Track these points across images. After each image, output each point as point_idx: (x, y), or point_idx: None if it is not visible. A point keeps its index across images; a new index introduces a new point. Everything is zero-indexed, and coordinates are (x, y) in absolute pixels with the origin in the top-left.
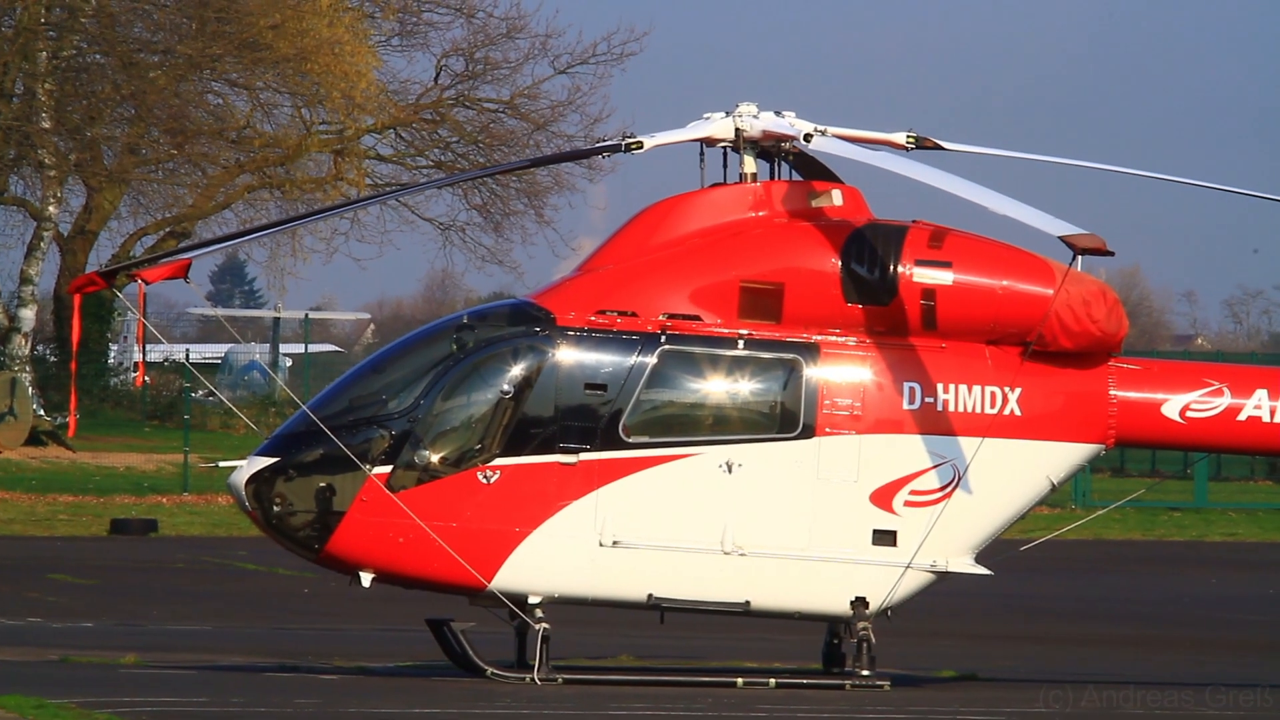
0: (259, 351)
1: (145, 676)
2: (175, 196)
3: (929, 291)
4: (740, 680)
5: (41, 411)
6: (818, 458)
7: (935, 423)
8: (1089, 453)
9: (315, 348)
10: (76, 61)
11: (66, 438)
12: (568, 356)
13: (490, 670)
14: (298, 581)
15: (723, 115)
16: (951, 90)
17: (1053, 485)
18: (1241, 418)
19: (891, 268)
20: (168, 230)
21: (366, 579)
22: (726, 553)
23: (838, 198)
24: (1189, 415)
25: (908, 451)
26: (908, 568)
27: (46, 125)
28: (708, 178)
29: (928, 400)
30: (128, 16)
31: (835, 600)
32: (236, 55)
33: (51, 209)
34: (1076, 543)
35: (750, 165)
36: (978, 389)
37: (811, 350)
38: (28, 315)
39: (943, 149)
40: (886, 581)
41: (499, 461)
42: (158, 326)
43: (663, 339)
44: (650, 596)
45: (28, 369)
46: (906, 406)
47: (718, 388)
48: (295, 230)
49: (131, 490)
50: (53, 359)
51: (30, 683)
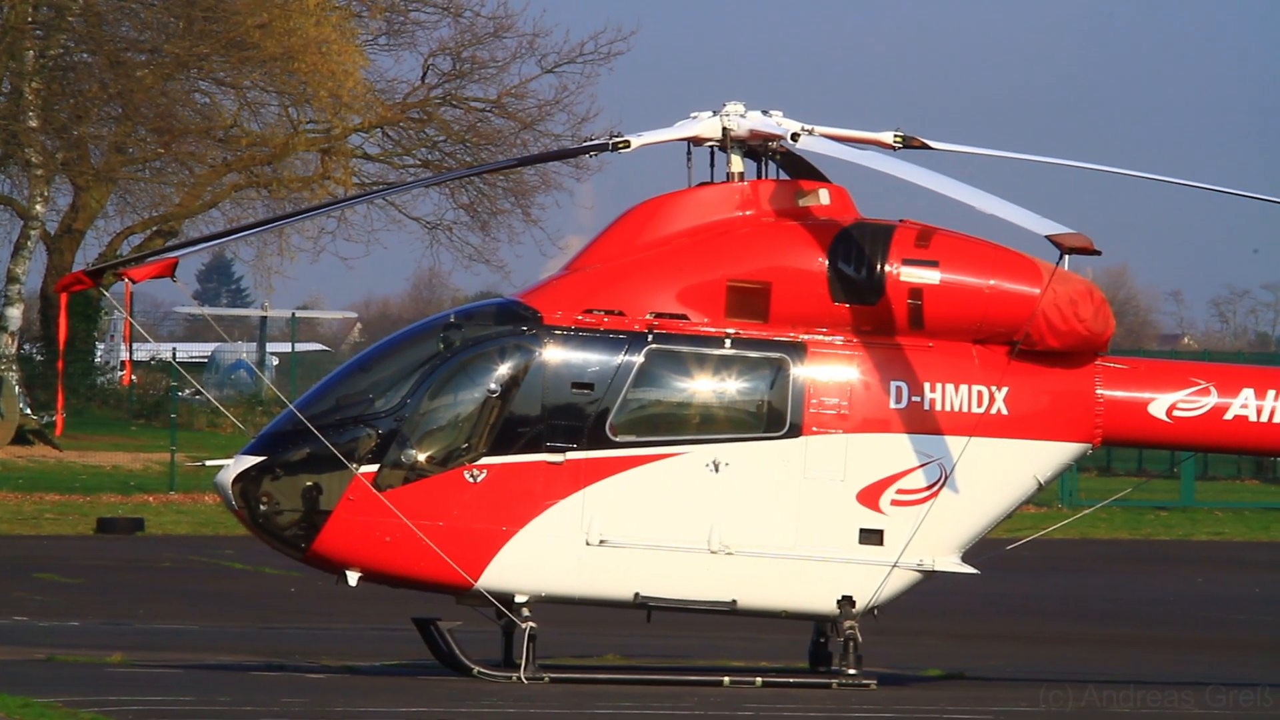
0: (246, 350)
1: (132, 675)
2: (162, 195)
3: (916, 291)
4: (727, 679)
5: (28, 410)
6: (804, 457)
7: (922, 422)
8: (1076, 452)
9: (302, 347)
10: (63, 60)
11: (53, 436)
12: (554, 355)
13: (477, 669)
14: (284, 580)
15: (710, 114)
16: (940, 90)
17: (1039, 484)
18: (1228, 417)
19: (878, 267)
20: (154, 229)
21: (353, 578)
22: (713, 552)
23: (825, 197)
24: (1175, 414)
25: (894, 450)
26: (894, 566)
27: (33, 124)
28: (695, 177)
29: (914, 399)
30: (115, 15)
31: (822, 599)
32: (224, 54)
33: (38, 208)
34: (1063, 542)
35: (737, 164)
36: (965, 388)
37: (798, 349)
38: (14, 314)
39: (930, 148)
40: (873, 580)
41: (486, 460)
42: (144, 325)
43: (650, 338)
44: (637, 595)
45: (14, 368)
46: (893, 405)
47: (704, 387)
48: (282, 229)
49: (118, 489)
50: (39, 358)
51: (16, 682)
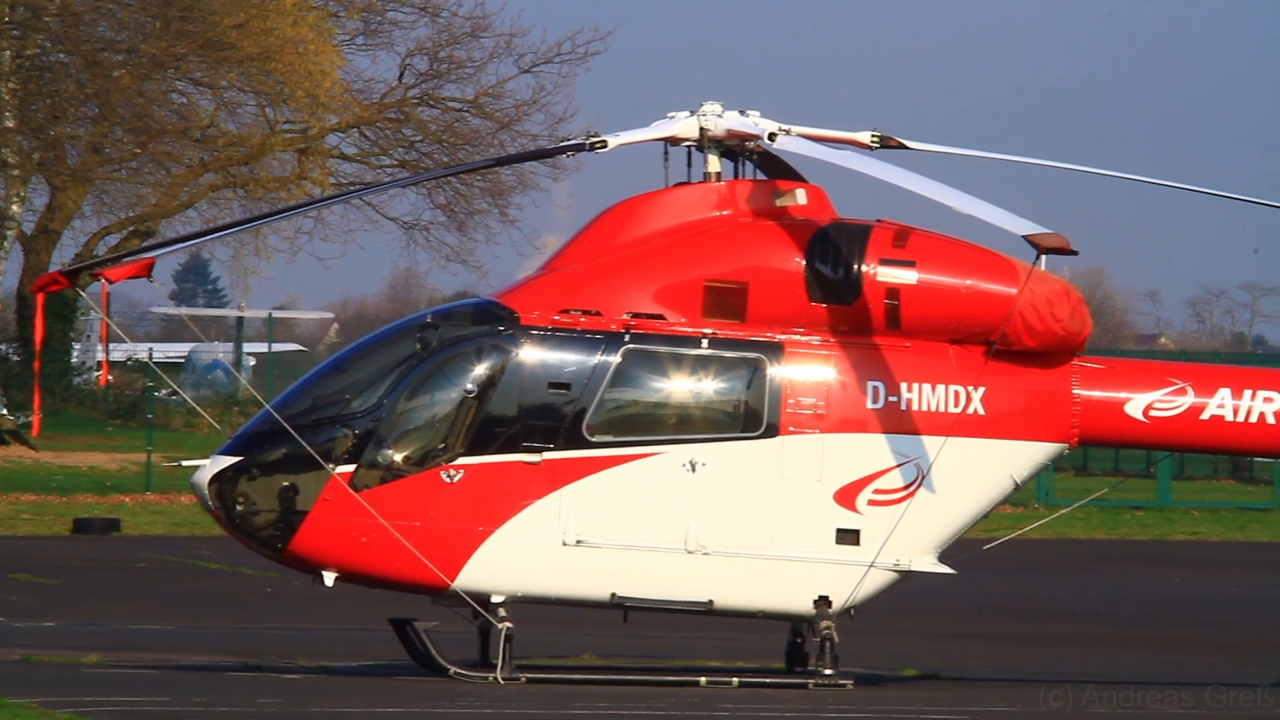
0: (222, 350)
1: (107, 676)
2: (139, 195)
3: (893, 291)
4: (703, 679)
5: (4, 410)
6: (781, 457)
7: (899, 422)
8: (1052, 452)
9: (279, 347)
10: (40, 60)
11: (29, 437)
12: (531, 356)
13: (453, 669)
14: (261, 581)
15: (687, 114)
16: (918, 90)
17: (1016, 484)
18: (1205, 417)
19: (855, 267)
20: (131, 229)
21: (329, 578)
22: (690, 552)
23: (802, 197)
24: (1152, 414)
25: (871, 451)
26: (871, 567)
27: (10, 124)
28: (672, 177)
29: (891, 399)
30: (92, 15)
31: (798, 599)
32: (200, 54)
33: (15, 208)
34: (1039, 542)
35: (714, 164)
36: (941, 388)
37: (775, 349)
38: None
39: (907, 148)
40: (850, 580)
41: (462, 461)
42: (121, 325)
43: (626, 338)
44: (614, 595)
45: None
46: (870, 406)
47: (681, 387)
48: (259, 229)
49: (94, 489)
50: (15, 358)
51: None
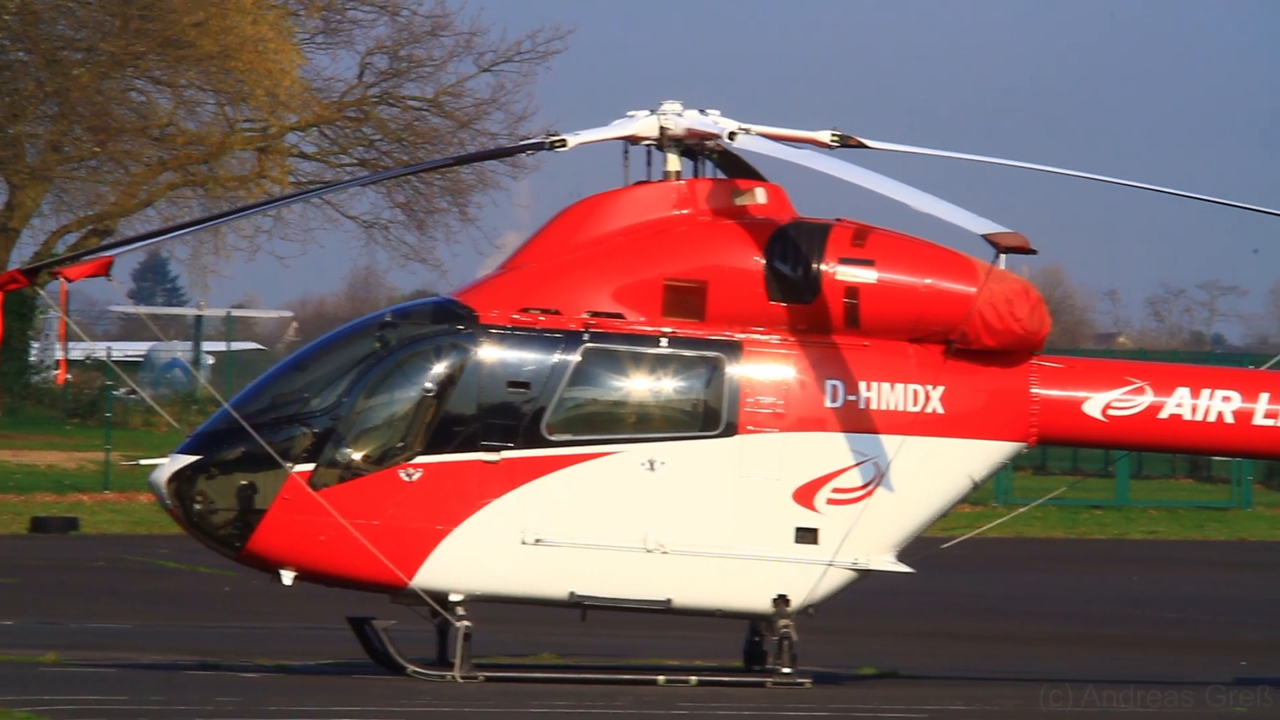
0: (181, 349)
1: (66, 675)
2: (98, 194)
3: (852, 290)
4: (662, 678)
5: None
6: (740, 456)
7: (858, 421)
8: (1011, 450)
9: (238, 345)
10: None
11: None
12: (490, 354)
13: (412, 668)
14: (219, 580)
15: (647, 113)
16: (877, 90)
17: (974, 483)
18: (1163, 416)
19: (815, 266)
20: (90, 228)
21: (288, 577)
22: (649, 551)
23: (761, 196)
24: (1110, 413)
25: (830, 449)
26: (829, 565)
27: None
28: (632, 176)
29: (850, 398)
30: (50, 14)
31: (757, 598)
32: (160, 53)
33: None
34: (998, 540)
35: (674, 163)
36: (900, 387)
37: (734, 348)
38: None
39: (866, 147)
40: (808, 579)
41: (421, 459)
42: (80, 324)
43: (586, 337)
44: (572, 594)
45: None
46: (829, 404)
47: (640, 386)
48: (218, 228)
49: (52, 488)
50: None
51: None
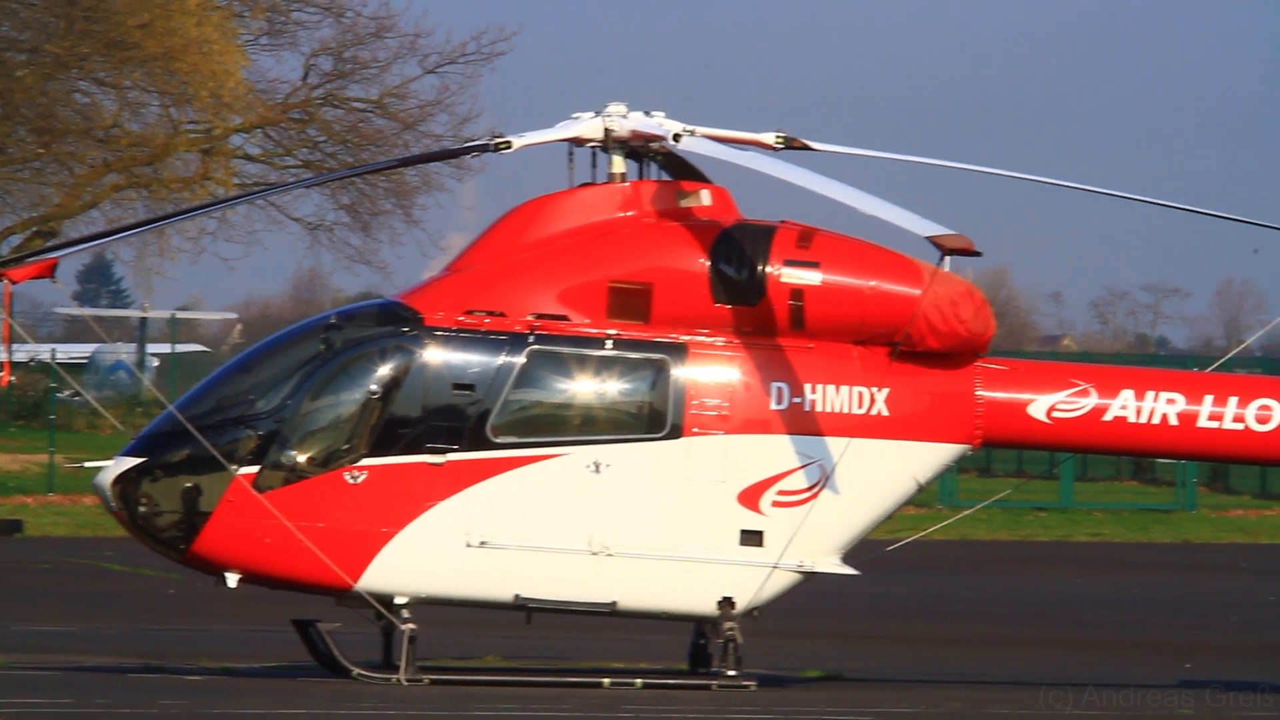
0: (126, 351)
1: (9, 677)
2: (42, 196)
3: (797, 292)
4: (607, 680)
5: None
6: (685, 458)
7: (803, 423)
8: (956, 453)
9: (182, 348)
10: None
11: None
12: (435, 356)
13: (356, 671)
14: (164, 582)
15: (592, 115)
16: (823, 92)
17: (919, 485)
18: (1107, 418)
19: (760, 268)
20: (34, 229)
21: (232, 579)
22: (594, 553)
23: (706, 198)
24: (1055, 415)
25: (775, 452)
26: (775, 568)
27: None
28: (576, 178)
29: (795, 400)
30: None
31: (702, 600)
32: (104, 54)
33: None
34: (943, 543)
35: (619, 165)
36: (845, 389)
37: (679, 350)
38: None
39: (811, 149)
40: (753, 581)
41: (366, 462)
42: (24, 326)
43: (531, 339)
44: (517, 597)
45: None
46: (774, 407)
47: (585, 388)
48: (162, 230)
49: None
50: None
51: None
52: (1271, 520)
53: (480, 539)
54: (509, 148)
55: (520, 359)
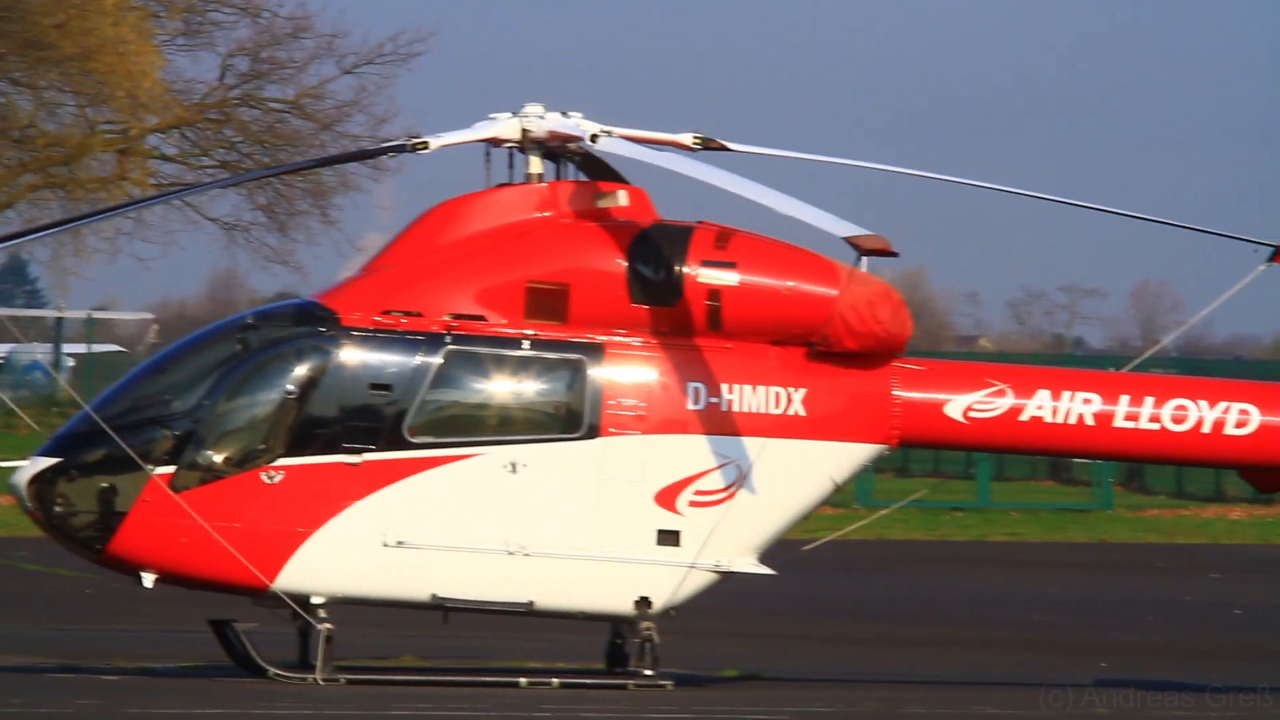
0: (41, 351)
1: None
2: None
3: (714, 292)
4: (524, 680)
5: None
6: (602, 458)
7: (719, 423)
8: (872, 453)
9: (98, 348)
10: None
11: None
12: (352, 356)
13: (273, 670)
14: (80, 582)
15: (509, 115)
16: (742, 93)
17: (836, 485)
18: (1024, 418)
19: (676, 268)
20: None
21: (149, 579)
22: (510, 553)
23: (623, 198)
24: (972, 415)
25: (692, 452)
26: (691, 568)
27: None
28: (494, 178)
29: (712, 400)
30: None
31: (619, 600)
32: (20, 54)
33: None
34: (860, 542)
35: (536, 166)
36: (762, 389)
37: (596, 351)
38: None
39: (728, 150)
40: (670, 581)
41: (282, 462)
42: None
43: (448, 339)
44: (434, 596)
45: None
46: (691, 407)
47: (502, 388)
48: (79, 230)
49: None
50: None
51: None
52: (1187, 520)
53: (397, 539)
54: (426, 148)
55: (437, 359)
